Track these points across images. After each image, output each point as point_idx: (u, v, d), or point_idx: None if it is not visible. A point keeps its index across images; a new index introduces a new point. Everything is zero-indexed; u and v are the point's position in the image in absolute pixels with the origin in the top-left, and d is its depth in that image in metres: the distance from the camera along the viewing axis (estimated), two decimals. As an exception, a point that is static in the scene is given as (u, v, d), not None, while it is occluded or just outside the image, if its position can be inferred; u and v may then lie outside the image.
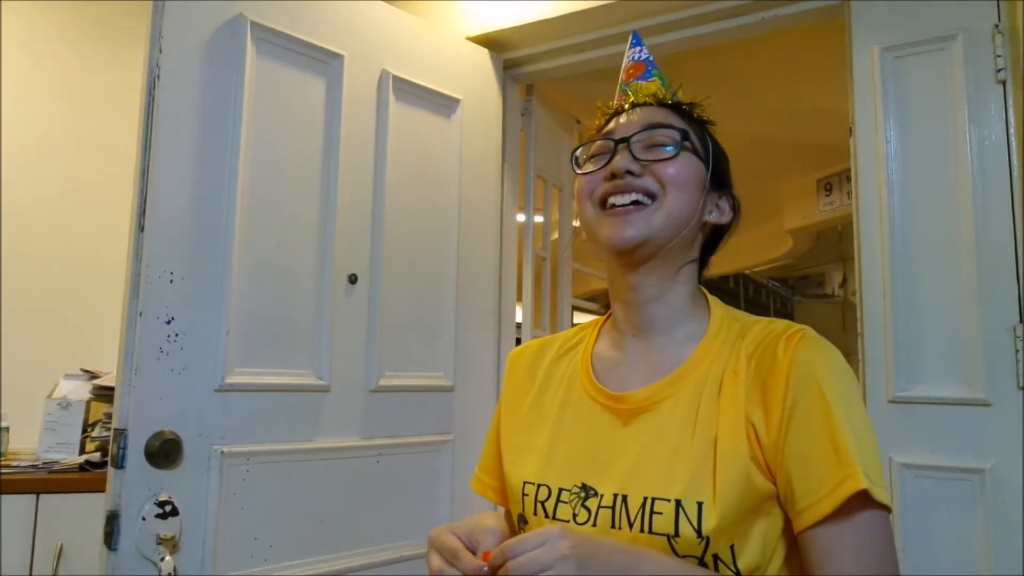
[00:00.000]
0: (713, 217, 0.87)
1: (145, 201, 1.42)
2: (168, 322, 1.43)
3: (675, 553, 0.72)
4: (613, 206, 0.82)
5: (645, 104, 0.88)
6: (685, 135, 0.83)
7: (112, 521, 1.36)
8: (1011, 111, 1.51)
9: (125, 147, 1.65)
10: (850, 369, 0.76)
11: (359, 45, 1.79)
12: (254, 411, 1.56)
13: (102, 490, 1.39)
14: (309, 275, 1.68)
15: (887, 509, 0.70)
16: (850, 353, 1.65)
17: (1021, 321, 1.46)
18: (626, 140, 0.83)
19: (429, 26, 2.02)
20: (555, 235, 2.59)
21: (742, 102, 3.25)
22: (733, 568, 0.72)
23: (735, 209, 0.90)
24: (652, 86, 0.91)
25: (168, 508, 1.41)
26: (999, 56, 1.52)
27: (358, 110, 1.78)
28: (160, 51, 1.45)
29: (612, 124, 0.89)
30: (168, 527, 1.40)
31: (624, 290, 0.86)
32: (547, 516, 0.81)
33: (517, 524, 0.86)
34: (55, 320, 2.20)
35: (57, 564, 1.77)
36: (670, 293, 0.85)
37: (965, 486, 1.48)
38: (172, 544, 1.40)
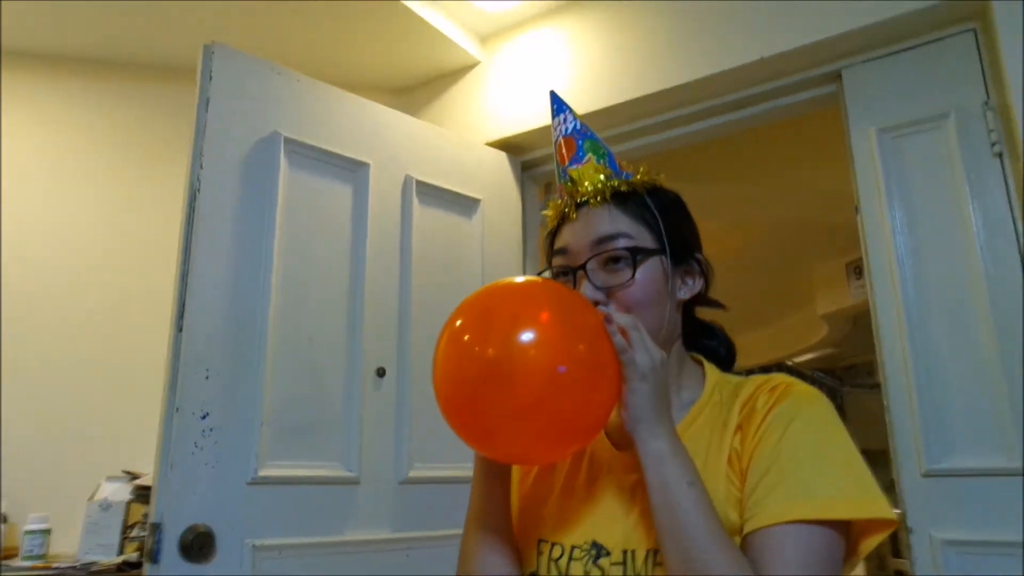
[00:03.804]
0: (684, 294, 0.89)
1: (184, 303, 1.52)
2: (203, 417, 1.50)
3: None
4: None
5: (586, 203, 0.88)
6: (635, 251, 0.84)
7: (147, 617, 1.38)
8: (1011, 181, 1.54)
9: (162, 255, 1.77)
10: (829, 406, 0.79)
11: (384, 153, 1.93)
12: (286, 504, 1.59)
13: (138, 588, 1.42)
14: (339, 369, 1.74)
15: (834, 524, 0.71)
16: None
17: (1047, 387, 1.44)
18: (583, 268, 0.85)
19: (449, 134, 2.16)
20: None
21: (758, 187, 3.32)
22: None
23: (704, 271, 0.90)
24: (588, 171, 0.91)
25: (201, 604, 1.43)
26: (991, 131, 1.57)
27: (383, 213, 1.90)
28: (201, 167, 1.59)
29: (563, 236, 0.90)
30: (200, 623, 1.42)
31: None
32: (560, 574, 0.83)
33: None
34: (99, 423, 2.28)
35: (93, 669, 1.77)
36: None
37: (1012, 561, 1.43)
38: (204, 640, 1.41)
